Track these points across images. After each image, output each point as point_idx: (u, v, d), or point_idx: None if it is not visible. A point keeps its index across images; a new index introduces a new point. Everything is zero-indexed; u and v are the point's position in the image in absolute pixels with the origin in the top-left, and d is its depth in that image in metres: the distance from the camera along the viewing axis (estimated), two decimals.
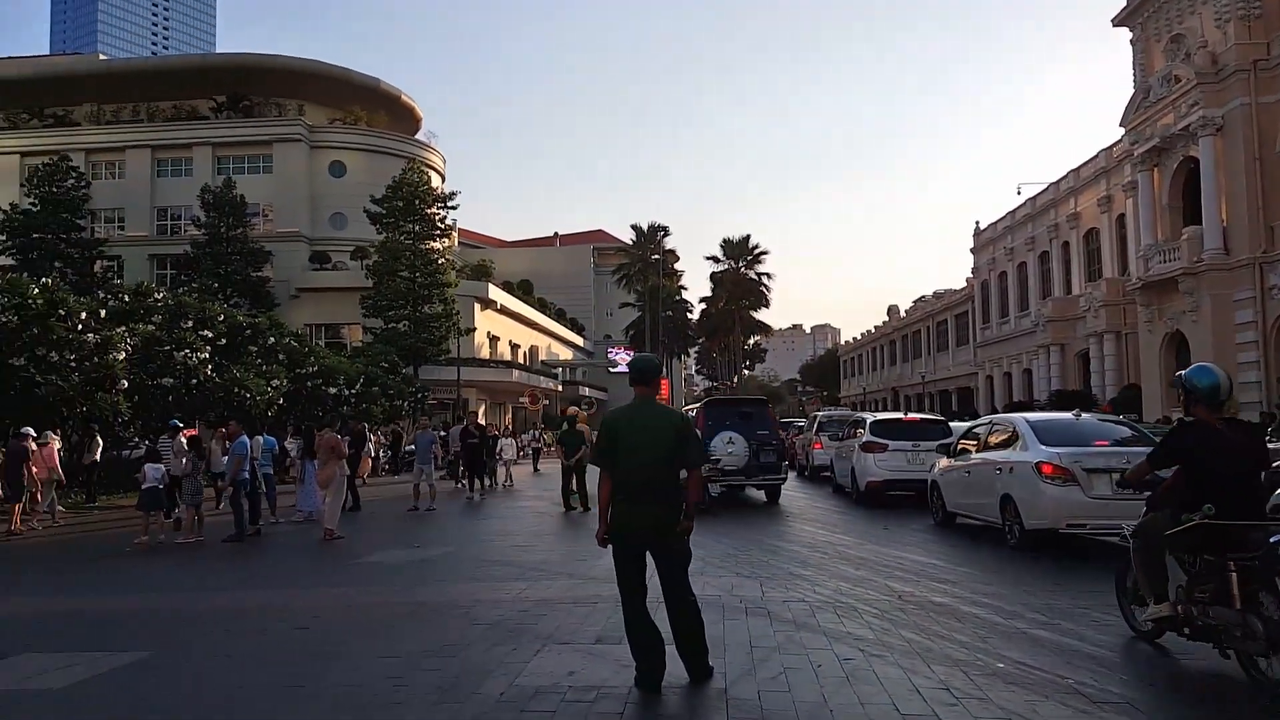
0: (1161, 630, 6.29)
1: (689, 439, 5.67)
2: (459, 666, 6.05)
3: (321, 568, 11.16)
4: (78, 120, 58.18)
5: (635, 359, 6.03)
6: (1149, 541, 6.19)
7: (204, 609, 8.55)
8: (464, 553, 11.78)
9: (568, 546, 12.31)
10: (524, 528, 14.79)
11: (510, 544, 12.61)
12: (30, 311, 19.77)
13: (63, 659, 6.54)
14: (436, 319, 48.88)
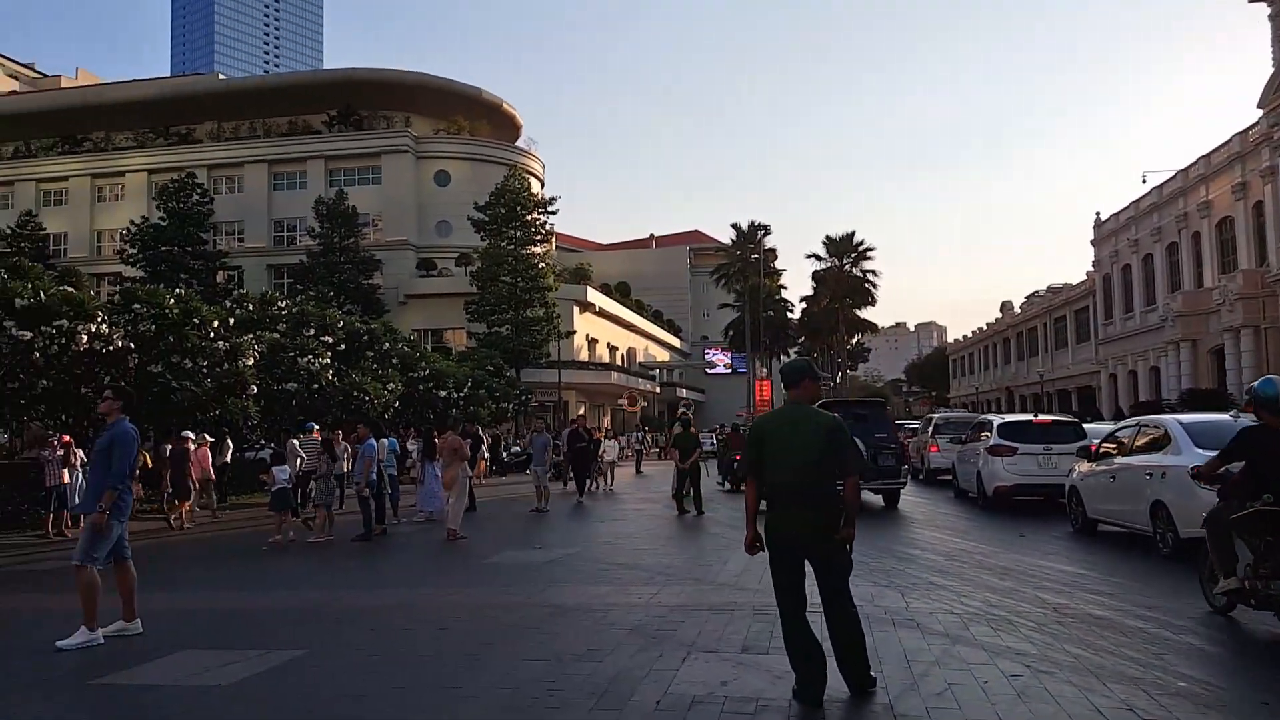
0: (1233, 604, 7.20)
1: (843, 443, 5.40)
2: (608, 672, 5.97)
3: (450, 568, 11.28)
4: (200, 138, 60.88)
5: (786, 362, 5.85)
6: (1218, 526, 7.20)
7: (345, 607, 8.70)
8: (587, 554, 11.75)
9: (689, 550, 12.16)
10: (641, 530, 14.71)
11: (631, 546, 12.55)
12: (167, 320, 20.65)
13: (220, 656, 6.70)
14: (537, 322, 49.49)
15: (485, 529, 15.23)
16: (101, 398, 8.05)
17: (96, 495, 7.52)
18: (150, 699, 5.73)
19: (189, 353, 20.57)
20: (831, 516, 5.30)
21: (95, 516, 7.40)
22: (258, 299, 27.15)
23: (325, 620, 8.11)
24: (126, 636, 7.51)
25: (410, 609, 8.39)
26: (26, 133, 62.29)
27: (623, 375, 63.05)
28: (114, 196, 60.56)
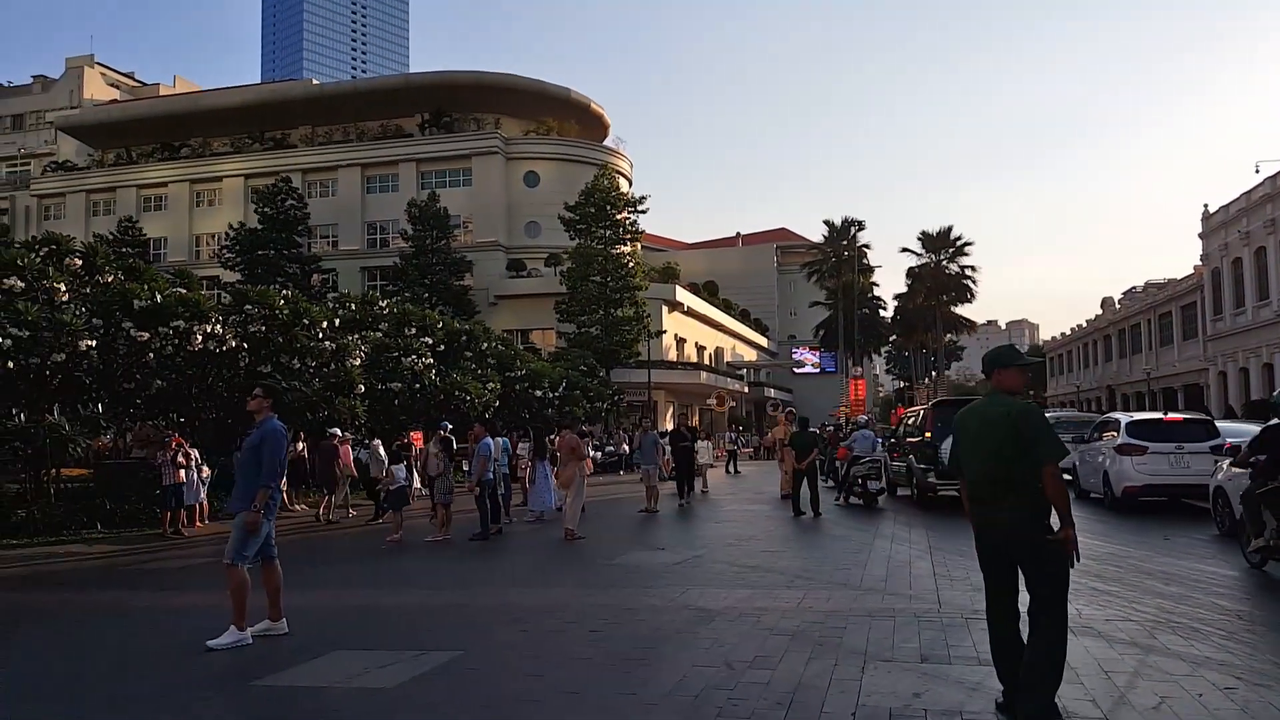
0: (1265, 559, 9.62)
1: (1033, 430, 4.92)
2: (786, 680, 5.67)
3: (577, 569, 11.08)
4: (294, 143, 62.33)
5: (989, 350, 5.44)
6: (1250, 501, 9.83)
7: (487, 607, 8.56)
8: (715, 557, 11.44)
9: (821, 553, 11.76)
10: (761, 532, 14.34)
11: (758, 549, 12.20)
12: (276, 321, 21.01)
13: (374, 657, 6.60)
14: (627, 322, 49.38)
15: (599, 529, 15.00)
16: (250, 396, 8.02)
17: (248, 494, 7.49)
18: (318, 702, 5.62)
19: (298, 353, 20.89)
20: (1030, 514, 4.89)
21: (249, 515, 7.37)
22: (359, 299, 27.54)
23: (471, 621, 7.98)
24: (272, 636, 7.47)
25: (555, 610, 8.19)
26: (127, 140, 64.63)
27: (711, 375, 62.58)
28: (212, 201, 62.38)
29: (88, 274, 17.93)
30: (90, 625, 8.47)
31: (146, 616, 8.94)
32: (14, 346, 14.86)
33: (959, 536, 13.08)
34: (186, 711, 5.49)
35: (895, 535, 13.35)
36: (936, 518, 15.89)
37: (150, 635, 7.92)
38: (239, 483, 7.67)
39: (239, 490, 7.62)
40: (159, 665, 6.70)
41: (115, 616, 8.92)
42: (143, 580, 11.60)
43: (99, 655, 7.11)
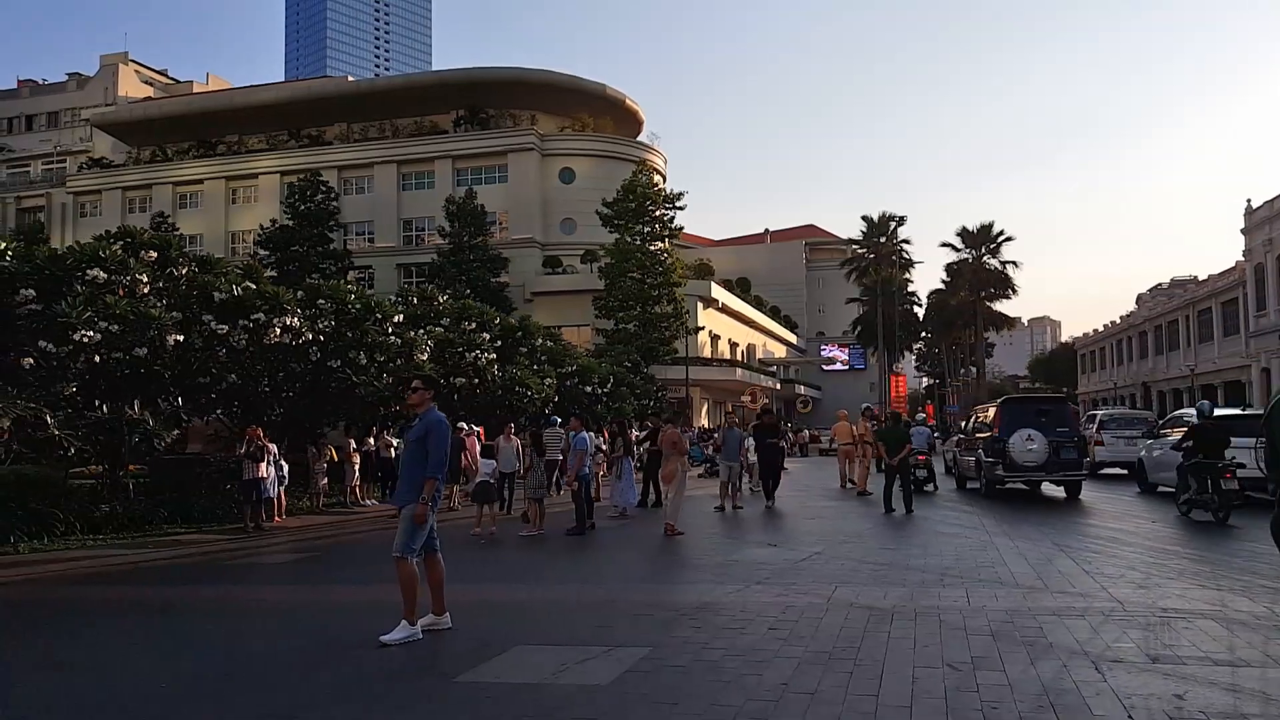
0: (1190, 508, 13.81)
1: None
2: (1027, 683, 5.41)
3: (701, 565, 10.83)
4: (329, 139, 62.36)
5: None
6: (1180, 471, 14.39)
7: (635, 601, 8.30)
8: (835, 554, 11.16)
9: (945, 549, 11.41)
10: (864, 528, 14.03)
11: (876, 545, 11.93)
12: (347, 315, 20.86)
13: (561, 653, 6.38)
14: (665, 318, 49.18)
15: (690, 526, 14.64)
16: (410, 389, 7.83)
17: (413, 486, 7.31)
18: (542, 698, 5.39)
19: (368, 347, 20.73)
20: None
21: (418, 508, 7.19)
22: (419, 293, 27.41)
23: (633, 616, 7.72)
24: (437, 631, 7.29)
25: (713, 606, 7.95)
26: (162, 137, 64.81)
27: (746, 372, 62.33)
28: (247, 198, 62.50)
29: (161, 266, 17.80)
30: (234, 621, 8.30)
31: (285, 611, 8.76)
32: (103, 340, 14.75)
33: (1072, 532, 12.82)
34: (411, 709, 5.27)
35: (1005, 531, 13.05)
36: (1023, 511, 16.00)
37: (303, 630, 7.73)
38: (404, 475, 7.50)
39: (404, 483, 7.45)
40: (339, 660, 6.50)
41: (255, 613, 8.75)
42: (252, 575, 11.48)
43: (269, 650, 6.92)
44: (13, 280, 14.76)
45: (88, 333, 14.41)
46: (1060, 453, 17.49)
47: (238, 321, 17.29)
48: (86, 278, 15.53)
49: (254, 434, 16.67)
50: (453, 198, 53.81)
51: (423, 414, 7.58)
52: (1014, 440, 17.42)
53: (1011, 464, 17.52)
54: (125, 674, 6.28)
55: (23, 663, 6.75)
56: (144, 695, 5.69)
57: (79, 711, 5.40)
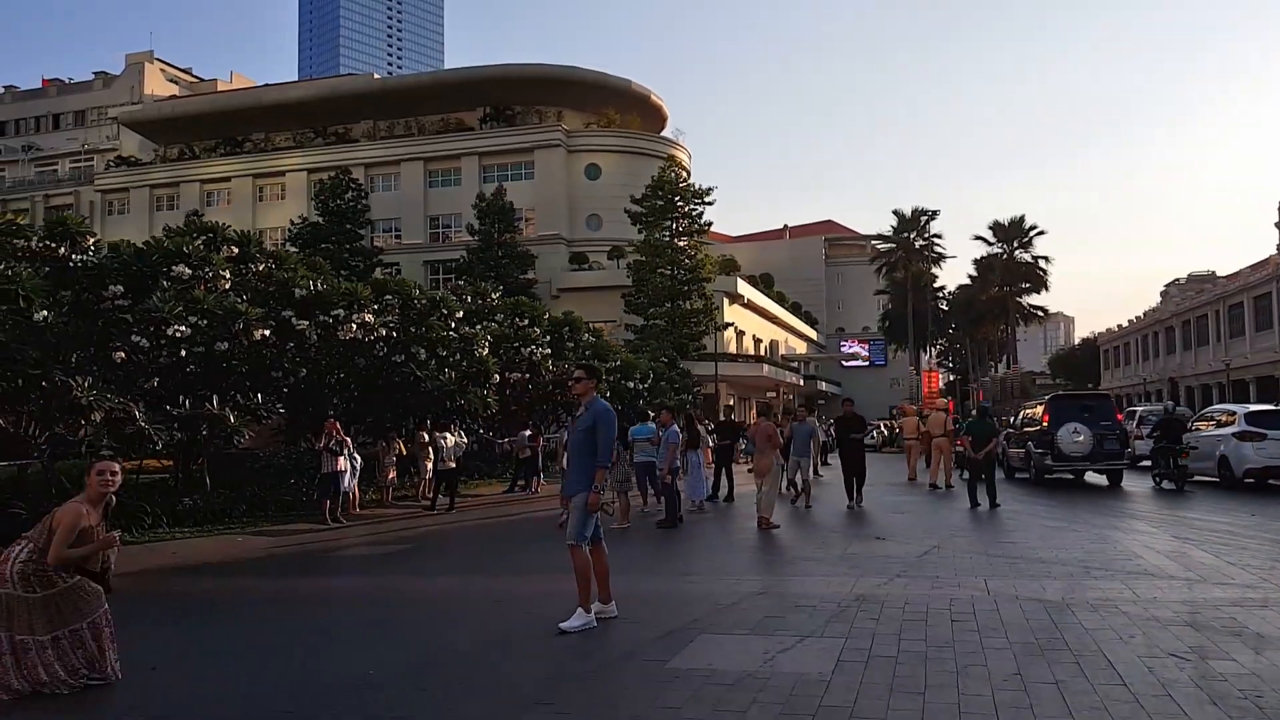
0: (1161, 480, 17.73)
1: None
2: (1269, 669, 5.35)
3: (817, 556, 10.73)
4: (356, 137, 62.38)
5: None
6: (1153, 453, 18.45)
7: (785, 594, 8.23)
8: (954, 547, 11.08)
9: (1065, 540, 11.29)
10: (962, 522, 13.84)
11: (991, 538, 11.84)
12: (413, 311, 20.87)
13: (749, 642, 6.38)
14: (695, 314, 49.12)
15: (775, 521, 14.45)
16: (574, 379, 7.79)
17: (584, 474, 7.29)
18: (769, 685, 5.34)
19: (431, 343, 20.72)
20: None
21: (590, 496, 7.18)
22: (473, 289, 27.42)
23: (799, 607, 7.64)
24: (606, 620, 7.27)
25: (877, 599, 7.89)
26: (189, 135, 64.92)
27: (772, 367, 62.22)
28: (275, 196, 62.58)
29: (238, 262, 17.82)
30: (400, 611, 8.25)
31: (443, 602, 8.73)
32: (192, 334, 14.76)
33: (1178, 524, 12.74)
34: (646, 695, 5.23)
35: (1108, 524, 12.99)
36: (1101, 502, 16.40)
37: (471, 620, 7.69)
38: (574, 464, 7.48)
39: (574, 471, 7.42)
40: (533, 649, 6.49)
41: (416, 604, 8.68)
42: (374, 566, 11.46)
43: (459, 639, 6.89)
44: (102, 276, 14.80)
45: (180, 327, 14.43)
46: (1104, 444, 19.21)
47: (318, 316, 17.30)
48: (171, 273, 15.58)
49: (333, 428, 16.67)
50: (482, 195, 53.82)
51: (589, 403, 7.54)
52: (1062, 433, 19.16)
53: (1059, 454, 19.26)
54: (331, 663, 6.24)
55: (220, 652, 6.73)
56: (362, 683, 5.66)
57: (325, 692, 5.37)
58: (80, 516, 5.38)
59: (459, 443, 20.52)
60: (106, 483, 5.61)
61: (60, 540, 5.29)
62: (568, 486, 7.50)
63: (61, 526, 5.31)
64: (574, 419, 7.60)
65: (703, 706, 5.00)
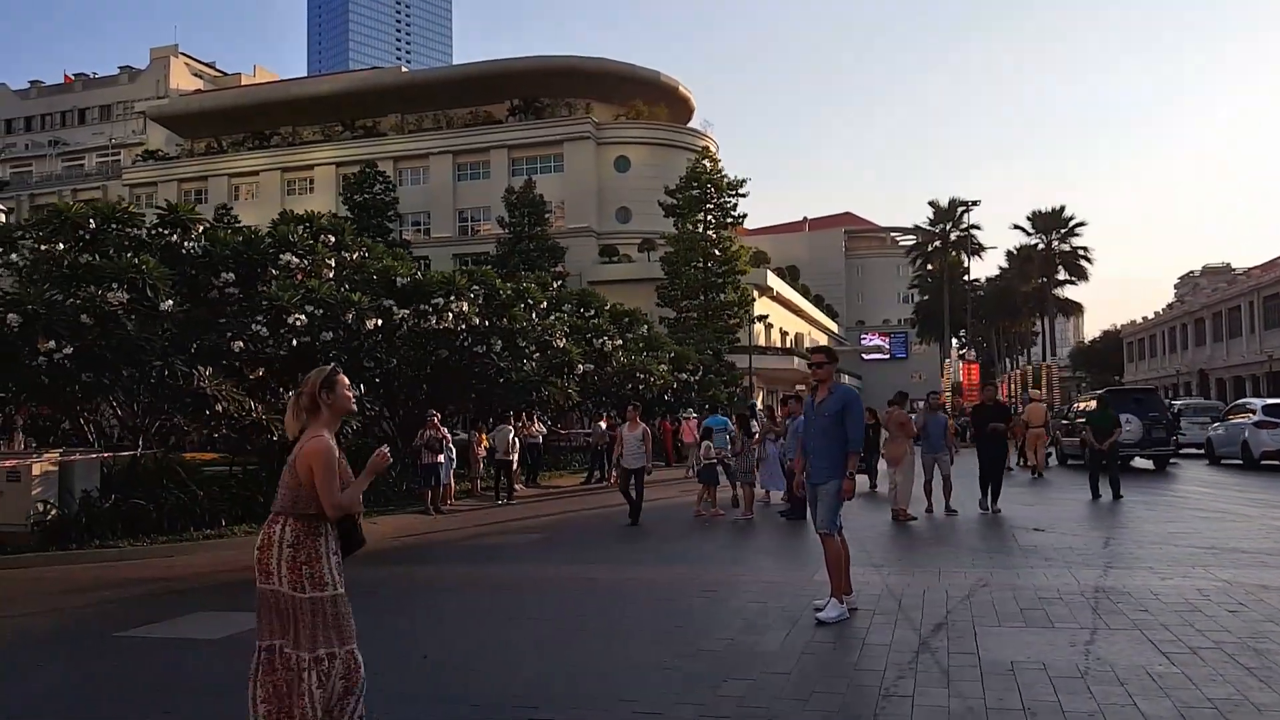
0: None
1: None
2: None
3: (990, 548, 10.47)
4: (384, 131, 62.07)
5: None
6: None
7: (1000, 584, 7.98)
8: (1127, 537, 10.88)
9: (1231, 531, 11.13)
10: (1103, 513, 13.65)
11: (1153, 529, 11.62)
12: (496, 301, 20.59)
13: (1038, 635, 6.17)
14: (730, 306, 48.85)
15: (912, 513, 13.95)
16: (816, 364, 7.49)
17: (833, 461, 7.05)
18: (1111, 679, 5.11)
19: (512, 333, 20.45)
20: None
21: (844, 483, 6.94)
22: (537, 280, 27.17)
23: (1045, 600, 7.40)
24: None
25: (1118, 591, 7.64)
26: (216, 129, 64.62)
27: (802, 360, 61.95)
28: (303, 189, 62.27)
29: (336, 251, 17.58)
30: (610, 599, 8.04)
31: (641, 591, 8.49)
32: (307, 323, 14.53)
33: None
34: (1038, 697, 5.00)
35: (1261, 514, 12.77)
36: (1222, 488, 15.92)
37: (682, 610, 7.43)
38: (820, 451, 7.18)
39: (821, 458, 7.13)
40: (805, 639, 6.25)
41: (621, 592, 8.46)
42: (521, 554, 11.21)
43: (708, 628, 6.66)
44: (214, 263, 14.58)
45: (299, 316, 14.21)
46: (1151, 432, 21.61)
47: (419, 306, 17.08)
48: (279, 261, 15.35)
49: (433, 424, 16.51)
50: (511, 188, 53.54)
51: (835, 388, 7.31)
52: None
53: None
54: (625, 648, 6.02)
55: (495, 642, 6.50)
56: (661, 665, 5.43)
57: (660, 677, 5.15)
58: (332, 448, 3.99)
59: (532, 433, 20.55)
60: (349, 397, 4.19)
61: (328, 483, 3.92)
62: (815, 474, 7.21)
63: (319, 466, 3.91)
64: (815, 404, 7.30)
65: (1119, 708, 4.75)
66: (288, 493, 4.02)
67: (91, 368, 12.77)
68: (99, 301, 12.36)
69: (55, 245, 13.10)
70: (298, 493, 3.99)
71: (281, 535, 3.99)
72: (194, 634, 7.22)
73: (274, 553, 3.98)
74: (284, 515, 4.00)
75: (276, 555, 3.98)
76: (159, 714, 5.19)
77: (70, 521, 12.33)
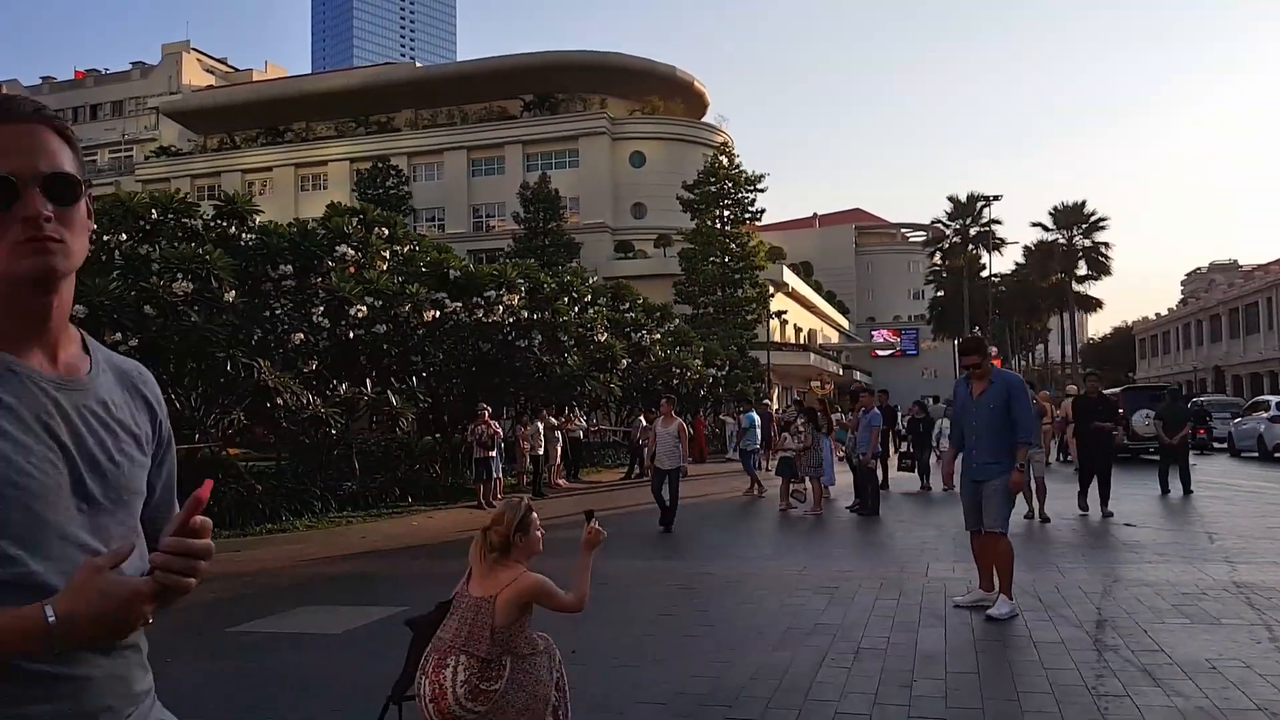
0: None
1: None
2: None
3: (1097, 543, 10.26)
4: (398, 126, 61.75)
5: None
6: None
7: (1131, 579, 7.75)
8: (1228, 531, 10.63)
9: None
10: (1184, 509, 13.43)
11: (1250, 522, 11.43)
12: (539, 295, 20.32)
13: (1214, 631, 5.87)
14: (749, 302, 48.60)
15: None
16: (970, 355, 7.18)
17: (1000, 453, 6.73)
18: None
19: (553, 327, 20.18)
20: None
21: (1013, 475, 6.68)
22: (575, 273, 26.93)
23: (1196, 595, 7.15)
24: (980, 606, 6.82)
25: (1260, 586, 7.42)
26: (229, 125, 64.26)
27: (818, 356, 61.81)
28: (317, 185, 61.96)
29: (389, 243, 17.32)
30: (742, 594, 7.78)
31: (763, 588, 8.23)
32: (367, 315, 14.30)
33: None
34: None
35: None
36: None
37: (806, 606, 7.17)
38: (985, 445, 6.82)
39: (985, 453, 6.80)
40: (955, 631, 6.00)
41: (739, 588, 8.19)
42: (632, 547, 10.90)
43: (840, 625, 6.41)
44: (272, 255, 14.33)
45: (360, 307, 13.98)
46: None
47: (472, 299, 16.84)
48: (335, 253, 15.10)
49: (484, 418, 16.28)
50: (526, 183, 53.25)
51: (998, 374, 7.04)
52: (1135, 417, 22.12)
53: (1133, 434, 22.09)
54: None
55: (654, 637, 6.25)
56: (830, 663, 5.18)
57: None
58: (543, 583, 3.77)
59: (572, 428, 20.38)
60: (539, 539, 3.86)
61: (557, 594, 3.79)
62: (979, 470, 6.83)
63: (547, 591, 3.75)
64: (973, 397, 7.00)
65: None
66: (472, 618, 3.66)
67: (153, 361, 12.55)
68: (162, 292, 12.12)
69: (117, 235, 12.82)
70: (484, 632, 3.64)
71: (453, 676, 3.61)
72: (310, 629, 7.00)
73: (448, 696, 3.58)
74: (462, 653, 3.62)
75: (452, 694, 3.58)
76: (327, 713, 4.95)
77: None
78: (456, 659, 3.62)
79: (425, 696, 3.67)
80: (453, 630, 3.68)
